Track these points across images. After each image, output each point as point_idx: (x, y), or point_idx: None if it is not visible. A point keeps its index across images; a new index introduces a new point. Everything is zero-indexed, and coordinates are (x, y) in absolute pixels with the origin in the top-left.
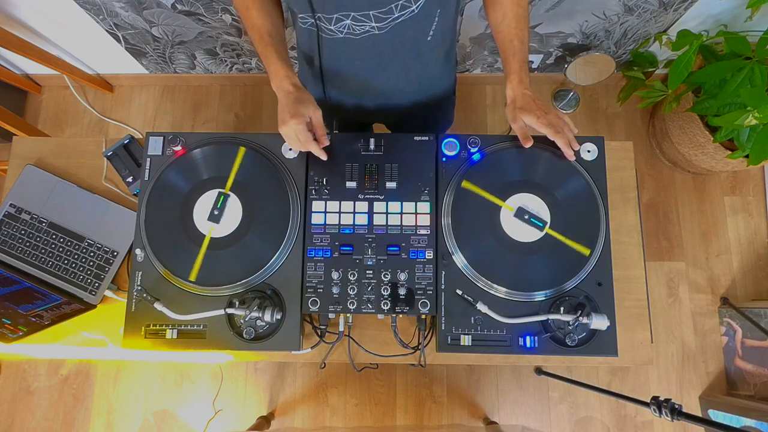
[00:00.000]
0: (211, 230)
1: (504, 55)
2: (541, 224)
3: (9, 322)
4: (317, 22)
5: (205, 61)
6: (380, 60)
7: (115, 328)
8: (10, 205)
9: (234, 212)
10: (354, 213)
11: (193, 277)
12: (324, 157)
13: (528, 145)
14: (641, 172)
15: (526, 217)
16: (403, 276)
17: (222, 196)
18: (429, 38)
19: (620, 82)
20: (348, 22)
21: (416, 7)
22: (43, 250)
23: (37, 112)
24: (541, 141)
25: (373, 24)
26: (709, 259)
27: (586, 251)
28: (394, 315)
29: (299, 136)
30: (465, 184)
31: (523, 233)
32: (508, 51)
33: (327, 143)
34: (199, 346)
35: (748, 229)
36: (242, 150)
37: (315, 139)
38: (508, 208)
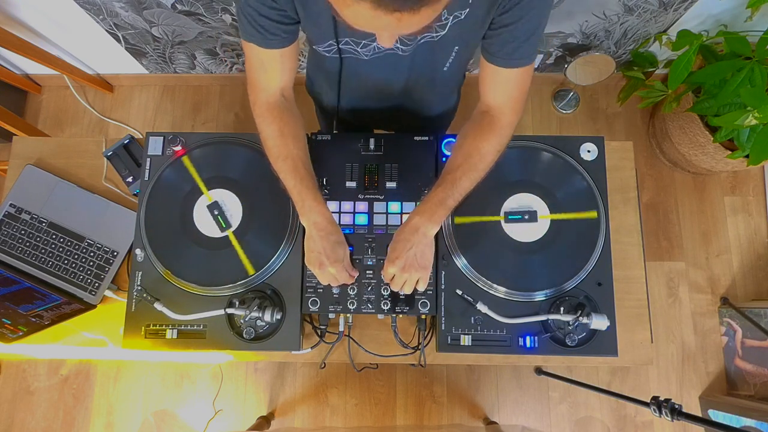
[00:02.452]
0: (230, 233)
1: (440, 177)
2: (530, 214)
3: (9, 322)
4: (340, 46)
5: (205, 61)
6: (398, 74)
7: (115, 328)
8: (10, 205)
9: (234, 212)
10: (354, 213)
11: (251, 271)
12: (350, 282)
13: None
14: (641, 172)
15: (519, 217)
16: None
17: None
18: (445, 69)
19: (620, 82)
20: (375, 45)
21: (437, 36)
22: (43, 250)
23: (37, 112)
24: (542, 142)
25: (398, 45)
26: (709, 259)
27: (592, 214)
28: (394, 315)
29: (339, 278)
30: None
31: (523, 233)
32: (441, 179)
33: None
34: (199, 346)
35: (748, 229)
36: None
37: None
38: (500, 218)
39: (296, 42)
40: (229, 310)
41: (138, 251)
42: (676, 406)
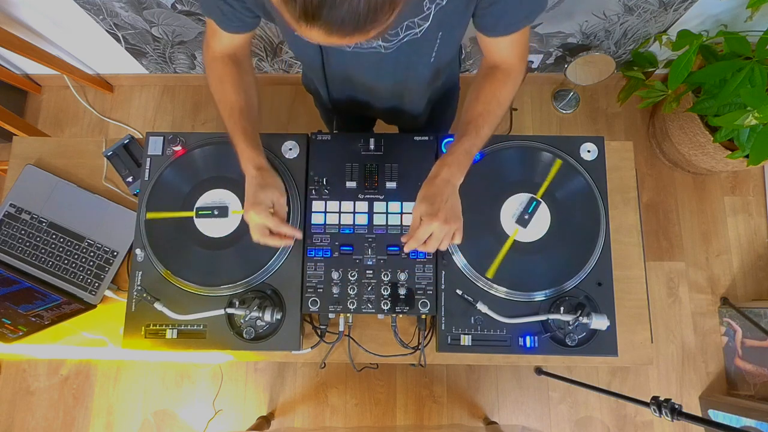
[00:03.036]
0: (234, 212)
1: (459, 128)
2: (534, 205)
3: (9, 322)
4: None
5: None
6: (384, 74)
7: (115, 328)
8: (10, 205)
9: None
10: (354, 213)
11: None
12: (291, 243)
13: (406, 248)
14: (641, 172)
15: (526, 217)
16: (403, 276)
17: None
18: (432, 59)
19: (620, 82)
20: None
21: (419, 31)
22: (43, 250)
23: (37, 112)
24: (542, 142)
25: (381, 43)
26: (709, 259)
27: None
28: (394, 315)
29: (267, 224)
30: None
31: (523, 233)
32: (464, 129)
33: (291, 238)
34: (199, 346)
35: (748, 229)
36: None
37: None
38: (515, 233)
39: (254, 30)
40: (229, 310)
41: (138, 251)
42: (676, 406)
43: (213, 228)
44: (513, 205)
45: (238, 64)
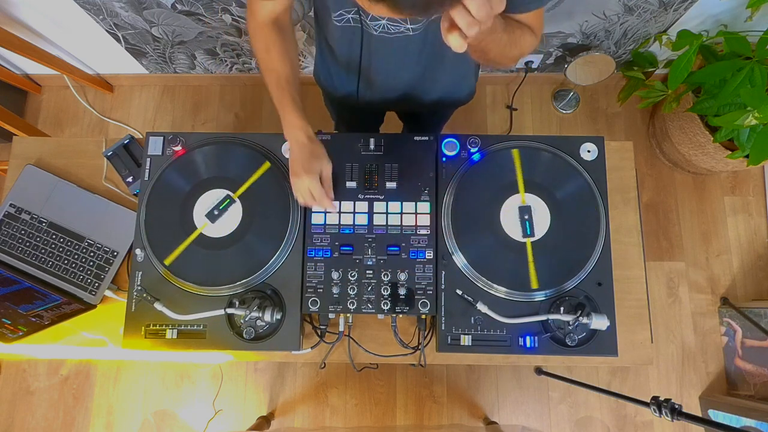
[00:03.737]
0: (204, 226)
1: None
2: (528, 233)
3: (9, 322)
4: (350, 15)
5: (205, 61)
6: (409, 60)
7: (115, 328)
8: (10, 205)
9: (234, 212)
10: (354, 213)
11: (167, 261)
12: (334, 210)
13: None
14: (641, 172)
15: (526, 217)
16: (403, 276)
17: (228, 200)
18: None
19: (620, 82)
20: (383, 22)
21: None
22: (43, 250)
23: (37, 112)
24: (542, 142)
25: (408, 26)
26: (709, 259)
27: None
28: (394, 315)
29: (313, 191)
30: None
31: (518, 233)
32: None
33: (333, 198)
34: (199, 346)
35: (748, 229)
36: (266, 165)
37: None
38: (522, 199)
39: None
40: (229, 310)
41: (138, 251)
42: (676, 406)
43: (213, 228)
44: (513, 205)
45: (282, 31)
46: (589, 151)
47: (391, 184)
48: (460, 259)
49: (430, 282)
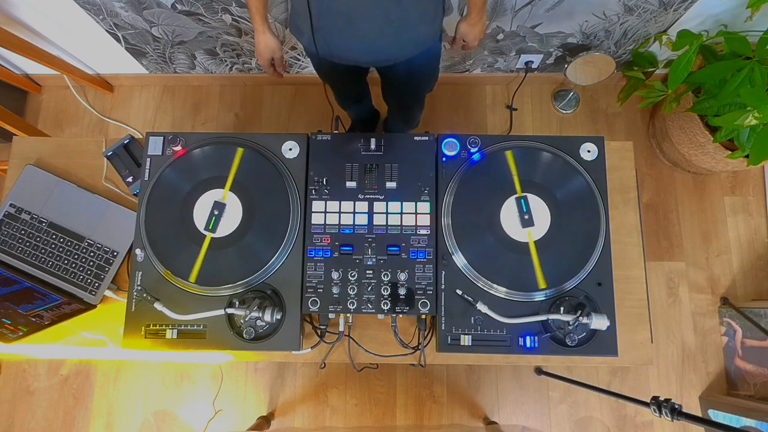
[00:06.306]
0: (209, 238)
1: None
2: (528, 223)
3: (9, 322)
4: None
5: (205, 61)
6: (362, 2)
7: (115, 328)
8: (10, 205)
9: (234, 212)
10: (354, 213)
11: (192, 278)
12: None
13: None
14: (641, 172)
15: (525, 212)
16: (403, 276)
17: (214, 216)
18: None
19: (620, 82)
20: None
21: None
22: (43, 250)
23: (37, 112)
24: (542, 142)
25: None
26: (709, 259)
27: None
28: (394, 315)
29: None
30: None
31: (523, 233)
32: None
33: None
34: (199, 346)
35: (748, 229)
36: (239, 150)
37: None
38: (518, 192)
39: None
40: (229, 310)
41: (138, 251)
42: (676, 406)
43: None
44: (513, 205)
45: None
46: (589, 151)
47: (391, 184)
48: (460, 259)
49: (430, 282)
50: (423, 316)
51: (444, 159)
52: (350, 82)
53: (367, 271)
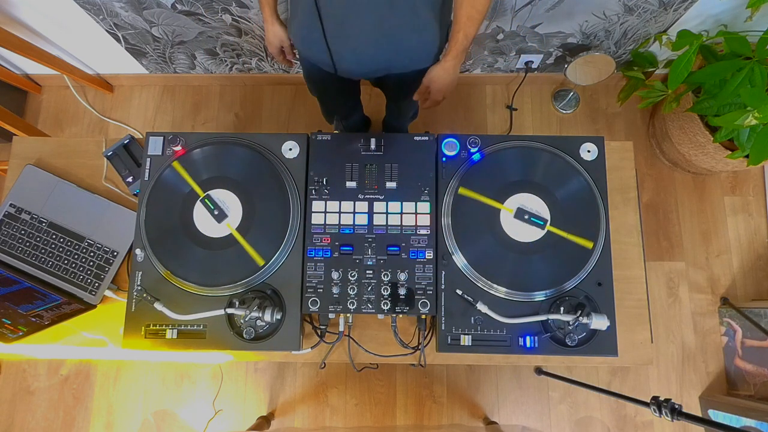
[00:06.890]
0: (228, 225)
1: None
2: (541, 222)
3: (9, 322)
4: None
5: (205, 61)
6: (355, 7)
7: (115, 328)
8: (10, 205)
9: (234, 212)
10: (354, 213)
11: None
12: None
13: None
14: (641, 172)
15: (526, 217)
16: (403, 276)
17: (207, 200)
18: None
19: (620, 82)
20: None
21: None
22: (43, 250)
23: (37, 112)
24: (542, 142)
25: None
26: (709, 259)
27: (588, 244)
28: (394, 315)
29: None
30: (462, 190)
31: (523, 233)
32: (452, 32)
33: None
34: (199, 346)
35: (748, 229)
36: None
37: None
38: (507, 210)
39: None
40: (229, 310)
41: (138, 251)
42: (676, 406)
43: (213, 228)
44: (513, 205)
45: None
46: (589, 151)
47: (391, 184)
48: (460, 259)
49: (430, 282)
50: (423, 316)
51: (444, 159)
52: (338, 95)
53: (367, 271)
